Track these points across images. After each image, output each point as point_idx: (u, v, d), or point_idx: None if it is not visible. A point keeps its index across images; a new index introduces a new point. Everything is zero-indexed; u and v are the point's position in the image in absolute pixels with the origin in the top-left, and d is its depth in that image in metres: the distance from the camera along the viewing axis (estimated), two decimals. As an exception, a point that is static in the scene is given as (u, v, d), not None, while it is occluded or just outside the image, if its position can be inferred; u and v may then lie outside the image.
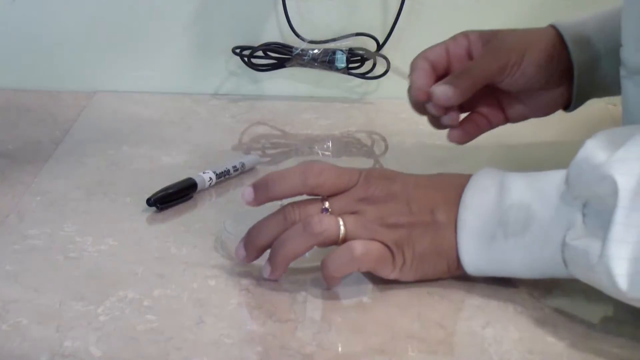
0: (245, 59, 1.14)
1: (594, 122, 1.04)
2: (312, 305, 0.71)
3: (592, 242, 0.64)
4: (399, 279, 0.72)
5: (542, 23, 0.90)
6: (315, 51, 1.13)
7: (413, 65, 0.87)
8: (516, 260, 0.70)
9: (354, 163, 0.95)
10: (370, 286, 0.72)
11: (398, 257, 0.71)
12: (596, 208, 0.66)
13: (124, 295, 0.71)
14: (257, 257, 0.73)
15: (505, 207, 0.69)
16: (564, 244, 0.67)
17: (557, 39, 0.87)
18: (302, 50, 1.13)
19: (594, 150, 0.66)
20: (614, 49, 0.82)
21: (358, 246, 0.70)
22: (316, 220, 0.70)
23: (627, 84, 0.77)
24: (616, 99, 0.87)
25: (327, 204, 0.71)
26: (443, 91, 0.83)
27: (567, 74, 0.87)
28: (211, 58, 1.16)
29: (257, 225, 0.73)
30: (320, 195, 0.72)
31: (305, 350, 0.65)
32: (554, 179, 0.69)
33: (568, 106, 0.91)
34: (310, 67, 1.14)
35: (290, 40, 1.14)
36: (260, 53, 1.14)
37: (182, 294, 0.71)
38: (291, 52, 1.13)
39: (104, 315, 0.68)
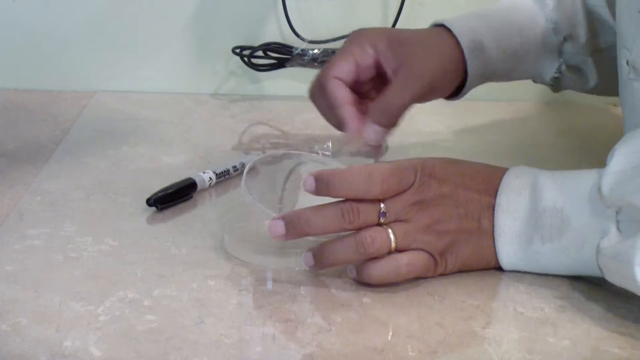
0: (245, 59, 1.14)
1: (595, 122, 1.04)
2: (312, 305, 0.71)
3: (626, 250, 0.65)
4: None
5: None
6: (315, 51, 1.13)
7: (330, 93, 0.86)
8: (554, 262, 0.71)
9: (354, 163, 0.95)
10: (370, 286, 0.72)
11: (440, 264, 0.73)
12: (630, 216, 0.66)
13: (124, 295, 0.71)
14: (296, 238, 0.73)
15: (540, 211, 0.71)
16: (598, 251, 0.68)
17: (456, 50, 0.87)
18: (302, 50, 1.13)
19: (625, 158, 0.67)
20: (504, 57, 0.87)
21: (404, 262, 0.71)
22: (369, 241, 0.71)
23: (638, 86, 0.77)
24: (617, 100, 0.86)
25: (383, 207, 0.71)
26: (374, 136, 0.84)
27: (455, 75, 0.88)
28: (211, 58, 1.16)
29: (311, 213, 0.71)
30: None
31: (305, 350, 0.65)
32: (586, 182, 0.70)
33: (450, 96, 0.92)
34: (310, 67, 1.14)
35: (290, 40, 1.14)
36: (260, 53, 1.14)
37: (182, 294, 0.71)
38: (291, 52, 1.13)
39: (104, 315, 0.68)
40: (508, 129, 0.93)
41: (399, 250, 0.71)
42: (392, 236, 0.71)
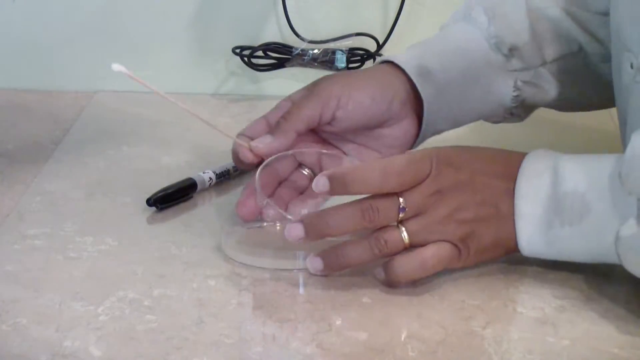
0: (245, 59, 1.14)
1: (594, 125, 1.04)
2: (312, 305, 0.70)
3: None
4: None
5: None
6: (315, 51, 1.13)
7: (236, 150, 0.82)
8: (573, 246, 0.71)
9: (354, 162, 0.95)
10: (370, 286, 0.72)
11: (464, 252, 0.72)
12: None
13: (124, 295, 0.71)
14: (316, 240, 0.72)
15: (560, 195, 0.70)
16: (617, 239, 0.68)
17: (389, 69, 0.85)
18: (302, 50, 1.13)
19: None
20: (454, 82, 0.84)
21: (429, 255, 0.71)
22: (383, 243, 0.71)
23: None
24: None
25: (402, 202, 0.71)
26: (262, 141, 0.80)
27: (406, 106, 0.84)
28: (211, 58, 1.16)
29: (330, 214, 0.71)
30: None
31: (305, 350, 0.65)
32: (607, 167, 0.69)
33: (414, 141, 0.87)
34: (310, 67, 1.14)
35: (290, 40, 1.14)
36: (260, 53, 1.14)
37: (182, 294, 0.71)
38: (291, 52, 1.13)
39: (104, 315, 0.68)
40: (507, 129, 0.93)
41: (415, 245, 0.71)
42: (404, 235, 0.71)
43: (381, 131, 0.85)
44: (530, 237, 0.72)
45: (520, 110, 0.90)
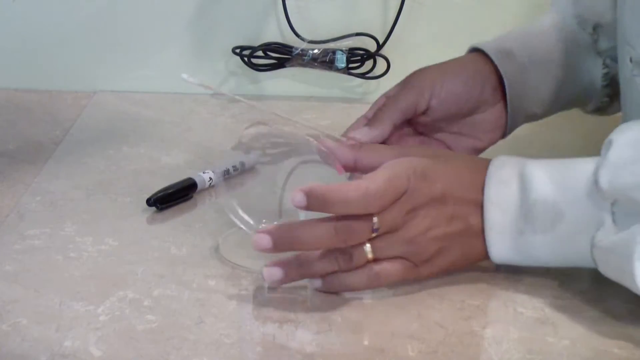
0: (245, 59, 1.14)
1: (595, 122, 1.04)
2: (312, 305, 0.70)
3: (622, 244, 0.65)
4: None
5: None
6: (315, 51, 1.13)
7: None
8: (545, 253, 0.71)
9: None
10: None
11: (424, 269, 0.71)
12: (628, 209, 0.66)
13: (124, 295, 0.71)
14: (282, 252, 0.71)
15: (530, 203, 0.70)
16: (593, 245, 0.67)
17: (478, 56, 0.87)
18: (302, 50, 1.13)
19: (622, 150, 0.66)
20: (538, 61, 0.85)
21: (374, 272, 0.70)
22: (347, 258, 0.70)
23: None
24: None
25: (376, 222, 0.69)
26: (360, 132, 0.83)
27: (497, 90, 0.86)
28: (211, 58, 1.16)
29: (303, 229, 0.69)
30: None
31: (305, 350, 0.65)
32: (580, 174, 0.69)
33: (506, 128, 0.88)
34: (310, 67, 1.14)
35: (290, 40, 1.14)
36: (260, 53, 1.14)
37: (182, 294, 0.71)
38: (291, 52, 1.13)
39: (104, 315, 0.68)
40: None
41: (377, 260, 0.70)
42: (369, 254, 0.70)
43: (474, 118, 0.86)
44: (501, 246, 0.71)
45: (615, 93, 0.88)
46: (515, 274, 0.74)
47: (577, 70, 0.88)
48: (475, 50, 0.88)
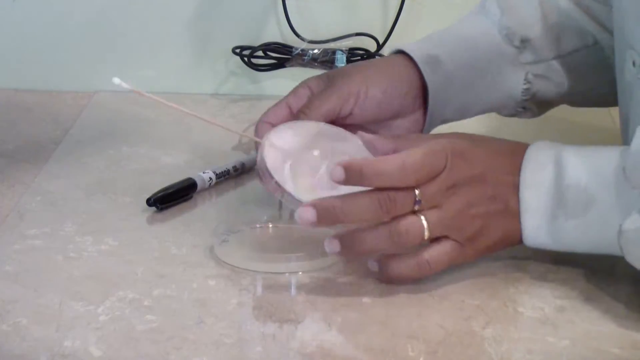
0: (245, 59, 1.14)
1: (595, 124, 1.04)
2: (312, 305, 0.70)
3: None
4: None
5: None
6: (315, 51, 1.13)
7: (260, 135, 0.82)
8: (577, 238, 0.71)
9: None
10: (370, 286, 0.72)
11: (469, 250, 0.72)
12: None
13: (124, 295, 0.71)
14: (327, 226, 0.71)
15: (564, 188, 0.71)
16: (620, 232, 0.68)
17: (405, 60, 0.86)
18: (302, 50, 1.13)
19: None
20: (463, 70, 0.85)
21: (425, 259, 0.71)
22: (403, 231, 0.70)
23: None
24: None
25: (418, 194, 0.70)
26: (283, 138, 0.80)
27: (419, 98, 0.86)
28: (211, 58, 1.16)
29: (346, 201, 0.70)
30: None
31: (305, 350, 0.65)
32: (612, 160, 0.70)
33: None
34: (310, 67, 1.14)
35: (290, 40, 1.14)
36: (260, 53, 1.14)
37: (182, 294, 0.71)
38: (291, 52, 1.13)
39: (104, 315, 0.68)
40: (506, 129, 0.93)
41: (432, 238, 0.71)
42: (425, 224, 0.70)
43: (392, 122, 0.86)
44: (535, 229, 0.72)
45: (532, 104, 0.90)
46: (515, 274, 0.74)
47: (498, 81, 0.88)
48: (403, 52, 0.87)
